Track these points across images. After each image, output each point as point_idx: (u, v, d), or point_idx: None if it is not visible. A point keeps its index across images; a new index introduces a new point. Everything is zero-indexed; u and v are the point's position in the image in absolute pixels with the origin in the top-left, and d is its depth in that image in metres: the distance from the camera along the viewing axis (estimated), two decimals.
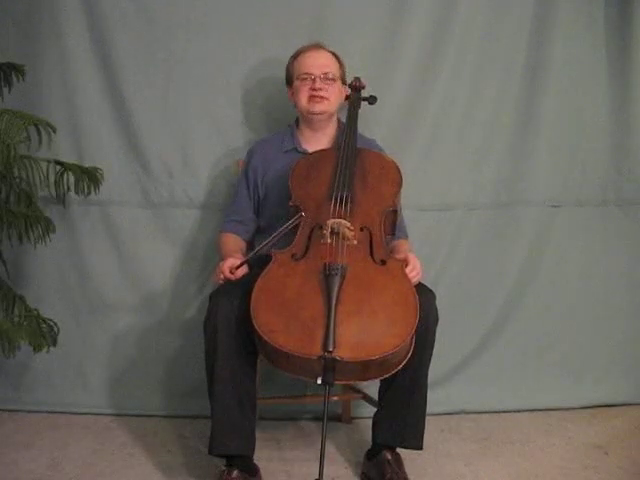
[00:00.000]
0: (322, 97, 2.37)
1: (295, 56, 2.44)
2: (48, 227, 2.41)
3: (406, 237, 2.45)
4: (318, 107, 2.38)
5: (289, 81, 2.46)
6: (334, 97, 2.41)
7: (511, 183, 2.81)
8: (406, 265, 2.09)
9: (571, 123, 2.82)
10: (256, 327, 1.92)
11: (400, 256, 2.14)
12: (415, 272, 2.08)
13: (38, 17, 2.60)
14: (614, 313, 2.89)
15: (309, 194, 2.22)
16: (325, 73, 2.39)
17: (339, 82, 2.44)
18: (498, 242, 2.83)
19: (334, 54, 2.45)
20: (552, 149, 2.82)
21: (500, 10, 2.74)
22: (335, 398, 2.55)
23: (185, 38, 2.66)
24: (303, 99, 2.39)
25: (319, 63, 2.40)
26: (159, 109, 2.68)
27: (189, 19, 2.65)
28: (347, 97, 2.50)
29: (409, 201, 2.60)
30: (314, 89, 2.37)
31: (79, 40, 2.62)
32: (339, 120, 2.52)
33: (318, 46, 2.44)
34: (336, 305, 1.90)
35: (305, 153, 2.41)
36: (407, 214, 2.53)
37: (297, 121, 2.51)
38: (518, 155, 2.81)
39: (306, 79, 2.39)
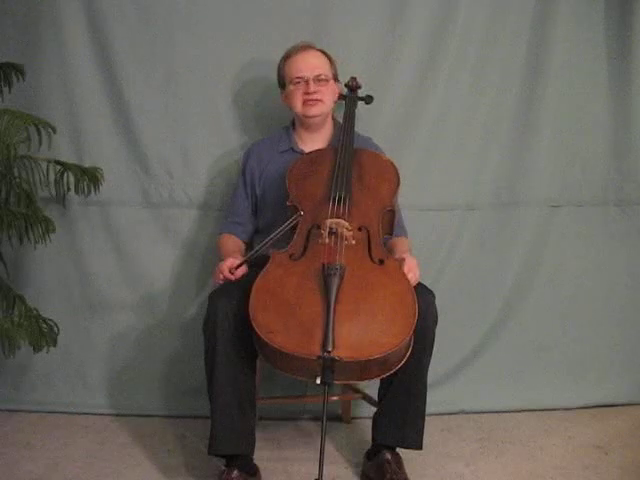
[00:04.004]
0: (316, 100, 2.37)
1: (285, 59, 2.43)
2: (48, 227, 2.40)
3: (405, 235, 2.44)
4: (313, 110, 2.38)
5: (281, 84, 2.46)
6: (328, 98, 2.41)
7: (511, 183, 2.81)
8: None
9: (571, 123, 2.81)
10: (255, 327, 1.92)
11: (396, 257, 2.13)
12: (411, 274, 2.07)
13: (38, 17, 2.60)
14: (614, 313, 2.88)
15: (306, 194, 2.22)
16: (317, 75, 2.38)
17: (331, 81, 2.43)
18: (498, 242, 2.82)
19: (323, 52, 2.44)
20: (552, 149, 2.81)
21: (500, 10, 2.74)
22: (335, 398, 2.55)
23: (185, 38, 2.65)
24: (298, 103, 2.39)
25: (310, 65, 2.38)
26: (159, 109, 2.68)
27: (189, 19, 2.65)
28: (343, 97, 2.50)
29: (409, 201, 2.60)
30: (307, 93, 2.36)
31: (79, 40, 2.62)
32: (335, 120, 2.52)
33: (306, 46, 2.42)
34: (335, 305, 1.90)
35: (301, 153, 2.41)
36: (407, 214, 2.53)
37: (293, 122, 2.50)
38: (518, 155, 2.80)
39: (299, 83, 2.38)
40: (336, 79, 2.46)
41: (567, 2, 2.75)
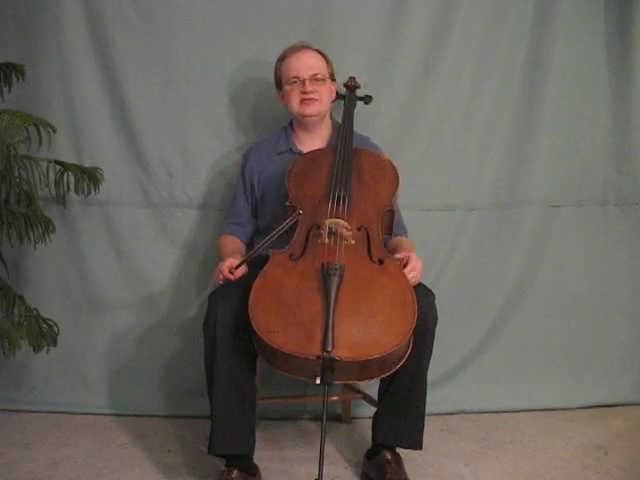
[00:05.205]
0: (313, 99, 2.37)
1: (281, 59, 2.43)
2: (48, 227, 2.40)
3: (405, 234, 2.44)
4: (310, 110, 2.38)
5: (278, 84, 2.46)
6: (325, 97, 2.40)
7: (511, 183, 2.82)
8: (406, 264, 2.08)
9: (571, 123, 2.82)
10: (254, 327, 1.92)
11: (402, 254, 2.12)
12: (414, 272, 2.08)
13: (38, 17, 2.60)
14: (614, 313, 2.89)
15: (306, 194, 2.22)
16: (313, 75, 2.37)
17: (328, 80, 2.43)
18: (498, 242, 2.83)
19: (320, 52, 2.44)
20: (552, 149, 2.82)
21: (500, 10, 2.74)
22: (335, 398, 2.55)
23: (185, 38, 2.66)
24: (295, 103, 2.39)
25: (306, 65, 2.38)
26: (159, 109, 2.68)
27: (189, 19, 2.65)
28: (342, 97, 2.50)
29: (409, 201, 2.60)
30: (304, 92, 2.36)
31: (79, 40, 2.62)
32: (334, 120, 2.52)
33: (302, 46, 2.42)
34: (334, 305, 1.89)
35: (300, 154, 2.40)
36: (407, 214, 2.52)
37: (291, 122, 2.50)
38: (518, 155, 2.81)
39: (295, 82, 2.38)
40: (333, 79, 2.46)
41: (567, 2, 2.75)
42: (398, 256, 2.11)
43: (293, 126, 2.49)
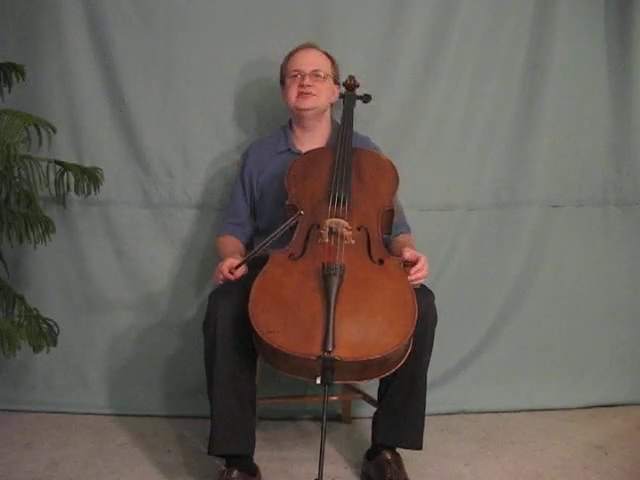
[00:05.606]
0: (310, 93, 2.37)
1: (288, 56, 2.44)
2: (48, 227, 2.40)
3: (409, 232, 2.44)
4: (306, 103, 2.38)
5: (282, 81, 2.47)
6: (323, 94, 2.41)
7: (511, 183, 2.82)
8: (414, 263, 2.08)
9: (571, 123, 2.82)
10: (254, 327, 1.92)
11: (410, 253, 2.10)
12: (424, 272, 2.07)
13: (38, 17, 2.60)
14: (614, 313, 2.89)
15: (305, 193, 2.22)
16: (315, 70, 2.39)
17: (330, 80, 2.43)
18: (498, 242, 2.83)
19: (326, 53, 2.45)
20: (552, 149, 2.82)
21: (500, 10, 2.75)
22: (335, 398, 2.55)
23: (185, 39, 2.66)
24: (292, 96, 2.40)
25: (309, 61, 2.40)
26: (159, 109, 2.68)
27: (189, 20, 2.65)
28: (342, 96, 2.50)
29: (409, 201, 2.60)
30: (302, 85, 2.37)
31: (79, 40, 2.62)
32: (333, 120, 2.52)
33: (310, 45, 2.44)
34: (335, 305, 1.89)
35: (300, 154, 2.40)
36: (407, 214, 2.52)
37: (290, 122, 2.50)
38: (518, 155, 2.81)
39: (296, 76, 2.39)
40: (336, 82, 2.47)
41: (567, 2, 2.75)
42: (407, 255, 2.09)
43: (292, 126, 2.49)
